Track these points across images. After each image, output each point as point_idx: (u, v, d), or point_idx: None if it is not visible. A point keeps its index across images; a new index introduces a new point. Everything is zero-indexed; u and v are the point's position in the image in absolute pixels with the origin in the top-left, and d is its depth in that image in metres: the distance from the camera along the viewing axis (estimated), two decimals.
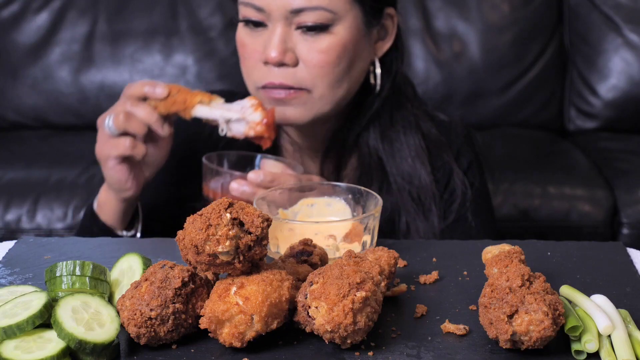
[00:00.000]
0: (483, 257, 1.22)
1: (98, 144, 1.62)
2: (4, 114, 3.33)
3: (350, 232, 1.33)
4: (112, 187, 1.65)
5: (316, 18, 1.59)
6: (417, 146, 1.75)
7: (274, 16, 1.59)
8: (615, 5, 3.32)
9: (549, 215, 2.76)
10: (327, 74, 1.62)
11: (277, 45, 1.59)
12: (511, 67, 3.30)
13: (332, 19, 1.60)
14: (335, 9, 1.60)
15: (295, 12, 1.58)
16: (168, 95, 1.58)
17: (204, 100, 1.60)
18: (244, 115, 1.58)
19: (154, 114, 1.58)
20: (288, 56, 1.60)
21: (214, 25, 3.30)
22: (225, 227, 1.04)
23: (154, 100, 1.59)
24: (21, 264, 1.31)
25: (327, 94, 1.64)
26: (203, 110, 1.60)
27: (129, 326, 1.06)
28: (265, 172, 1.54)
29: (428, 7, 3.31)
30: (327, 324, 1.03)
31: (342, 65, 1.63)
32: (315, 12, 1.58)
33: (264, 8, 1.60)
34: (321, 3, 1.58)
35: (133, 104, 1.58)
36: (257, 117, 1.58)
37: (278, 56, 1.59)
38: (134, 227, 1.74)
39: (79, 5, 3.32)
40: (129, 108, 1.58)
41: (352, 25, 1.63)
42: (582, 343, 1.05)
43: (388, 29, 1.73)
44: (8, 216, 2.74)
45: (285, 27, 1.60)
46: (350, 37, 1.62)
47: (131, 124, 1.56)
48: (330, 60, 1.61)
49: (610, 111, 3.34)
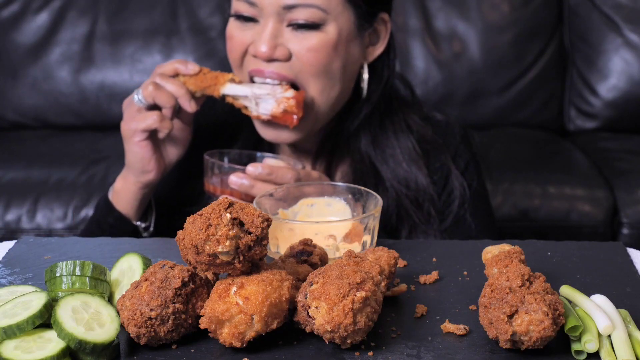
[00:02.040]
0: (483, 257, 1.22)
1: (124, 120, 1.64)
2: (4, 114, 3.33)
3: (350, 232, 1.33)
4: (133, 167, 1.66)
5: (308, 16, 1.59)
6: (411, 150, 1.74)
7: (267, 11, 1.60)
8: (615, 5, 3.32)
9: (549, 215, 2.76)
10: (320, 73, 1.62)
11: (267, 41, 1.60)
12: (511, 67, 3.30)
13: (323, 18, 1.60)
14: (328, 8, 1.59)
15: (288, 8, 1.58)
16: (199, 72, 1.63)
17: (235, 78, 1.64)
18: (274, 90, 1.60)
19: (183, 88, 1.61)
20: (279, 51, 1.61)
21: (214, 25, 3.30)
22: (225, 227, 1.04)
23: (185, 76, 1.64)
24: (21, 264, 1.32)
25: (318, 95, 1.64)
26: (233, 87, 1.63)
27: (129, 326, 1.06)
28: (263, 165, 1.54)
29: (428, 7, 3.31)
30: (327, 324, 1.03)
31: (335, 65, 1.63)
32: (307, 9, 1.58)
33: (256, 3, 1.60)
34: (314, 1, 1.58)
35: (163, 78, 1.62)
36: (289, 94, 1.60)
37: (268, 51, 1.60)
38: (148, 219, 1.75)
39: (79, 5, 3.32)
40: (159, 81, 1.62)
41: (344, 27, 1.62)
42: (582, 343, 1.05)
43: (380, 34, 1.72)
44: (8, 216, 2.74)
45: (276, 23, 1.60)
46: (341, 37, 1.62)
47: (161, 95, 1.60)
48: (321, 59, 1.61)
49: (610, 111, 3.34)
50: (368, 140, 1.75)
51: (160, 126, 1.60)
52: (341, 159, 1.78)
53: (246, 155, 1.73)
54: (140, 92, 1.61)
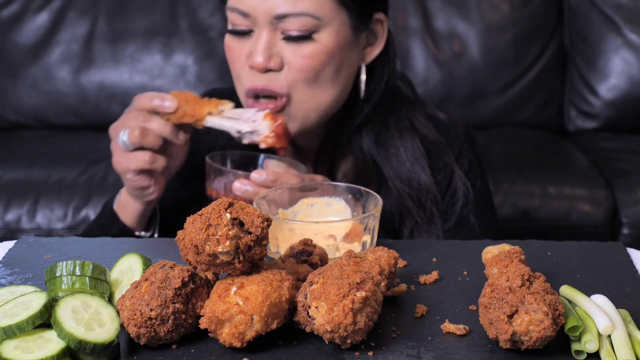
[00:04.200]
0: (483, 257, 1.22)
1: (115, 156, 1.61)
2: (4, 114, 3.33)
3: (350, 232, 1.33)
4: (132, 194, 1.66)
5: (301, 25, 1.58)
6: (414, 149, 1.74)
7: (260, 21, 1.59)
8: (615, 5, 3.33)
9: (549, 215, 2.76)
10: (308, 78, 1.61)
11: (262, 51, 1.59)
12: (511, 67, 3.30)
13: (317, 25, 1.58)
14: (321, 15, 1.58)
15: (280, 18, 1.57)
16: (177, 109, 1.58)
17: (213, 110, 1.60)
18: (254, 127, 1.58)
19: (168, 126, 1.57)
20: (273, 61, 1.60)
21: (214, 25, 3.30)
22: (225, 227, 1.04)
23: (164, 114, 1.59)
24: (21, 264, 1.32)
25: (307, 99, 1.63)
26: (214, 121, 1.60)
27: (129, 326, 1.06)
28: (268, 171, 1.54)
29: (428, 7, 3.31)
30: (327, 324, 1.03)
31: (327, 71, 1.62)
32: (299, 18, 1.57)
33: (249, 13, 1.59)
34: (306, 9, 1.57)
35: (145, 117, 1.58)
36: (266, 130, 1.58)
37: (263, 62, 1.59)
38: (152, 227, 1.75)
39: (79, 5, 3.32)
40: (142, 123, 1.57)
41: (339, 31, 1.61)
42: (582, 343, 1.05)
43: (377, 34, 1.71)
44: (8, 216, 2.74)
45: (270, 32, 1.59)
46: (336, 43, 1.61)
47: (147, 139, 1.56)
48: (313, 65, 1.60)
49: (610, 111, 3.34)
50: (371, 139, 1.74)
51: (153, 166, 1.58)
52: (343, 157, 1.78)
53: (248, 156, 1.72)
54: (126, 135, 1.57)
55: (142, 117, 1.58)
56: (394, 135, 1.74)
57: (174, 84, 3.28)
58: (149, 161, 1.58)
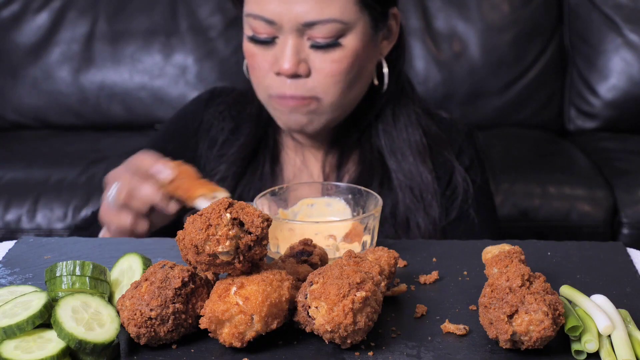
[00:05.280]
0: (483, 257, 1.22)
1: (103, 207, 1.57)
2: (4, 114, 3.33)
3: (350, 232, 1.33)
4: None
5: (328, 31, 1.58)
6: (418, 143, 1.75)
7: (286, 29, 1.58)
8: (615, 5, 3.33)
9: (549, 215, 2.76)
10: (339, 81, 1.62)
11: (290, 58, 1.59)
12: (511, 67, 3.30)
13: (343, 29, 1.59)
14: (346, 19, 1.59)
15: (308, 26, 1.57)
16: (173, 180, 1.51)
17: (207, 194, 1.51)
18: None
19: (158, 194, 1.51)
20: (301, 67, 1.60)
21: (214, 25, 3.30)
22: (225, 227, 1.04)
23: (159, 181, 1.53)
24: (21, 264, 1.31)
25: (337, 100, 1.65)
26: (204, 205, 1.49)
27: (129, 326, 1.06)
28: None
29: (428, 7, 3.31)
30: (327, 324, 1.03)
31: (353, 72, 1.63)
32: (327, 25, 1.57)
33: (275, 21, 1.58)
34: (332, 14, 1.57)
35: (139, 180, 1.51)
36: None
37: (292, 68, 1.59)
38: None
39: (79, 5, 3.32)
40: (134, 184, 1.51)
41: (363, 32, 1.62)
42: (582, 343, 1.05)
43: (392, 29, 1.73)
44: (8, 216, 2.74)
45: (297, 39, 1.59)
46: (362, 44, 1.62)
47: (134, 202, 1.51)
48: (341, 69, 1.61)
49: (610, 111, 3.34)
50: (379, 131, 1.76)
51: (134, 229, 1.53)
52: (352, 152, 1.79)
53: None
54: (115, 192, 1.53)
55: (135, 179, 1.52)
56: (401, 127, 1.75)
57: (174, 84, 3.28)
58: (130, 224, 1.52)
